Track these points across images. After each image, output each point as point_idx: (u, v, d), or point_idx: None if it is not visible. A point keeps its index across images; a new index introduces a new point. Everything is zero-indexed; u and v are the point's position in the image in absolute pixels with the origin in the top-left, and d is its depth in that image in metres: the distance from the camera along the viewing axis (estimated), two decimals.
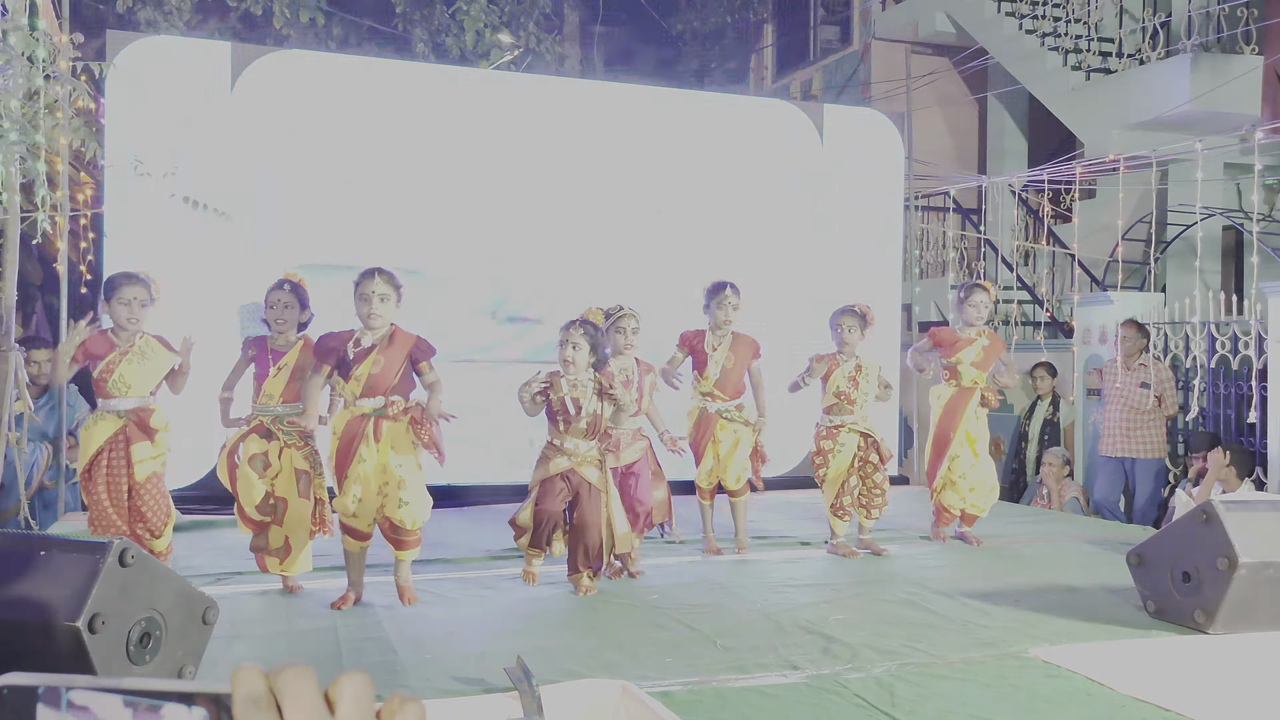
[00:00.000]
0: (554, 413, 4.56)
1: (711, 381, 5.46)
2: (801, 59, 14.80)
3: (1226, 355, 7.43)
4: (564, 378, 4.53)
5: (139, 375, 4.49)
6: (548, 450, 4.60)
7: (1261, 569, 3.92)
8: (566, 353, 4.51)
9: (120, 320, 4.48)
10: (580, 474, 4.54)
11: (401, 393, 4.38)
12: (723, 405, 5.46)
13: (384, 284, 4.35)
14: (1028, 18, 10.87)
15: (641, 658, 3.70)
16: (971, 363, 5.78)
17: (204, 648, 3.29)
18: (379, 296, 4.32)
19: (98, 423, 4.48)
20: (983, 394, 5.80)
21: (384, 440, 4.31)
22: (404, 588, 4.45)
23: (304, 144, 6.86)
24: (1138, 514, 7.51)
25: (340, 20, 10.52)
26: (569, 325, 4.57)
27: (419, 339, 4.43)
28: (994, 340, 5.91)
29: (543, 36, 11.26)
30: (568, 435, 4.54)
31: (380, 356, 4.31)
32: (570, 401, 4.51)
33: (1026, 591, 4.76)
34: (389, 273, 4.41)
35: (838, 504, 5.54)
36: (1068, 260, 10.37)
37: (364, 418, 4.31)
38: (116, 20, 9.30)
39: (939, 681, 3.49)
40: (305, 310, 4.69)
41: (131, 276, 4.52)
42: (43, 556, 2.97)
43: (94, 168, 6.96)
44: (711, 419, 5.46)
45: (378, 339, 4.35)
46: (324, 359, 4.39)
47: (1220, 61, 9.10)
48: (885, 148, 8.42)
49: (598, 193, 7.54)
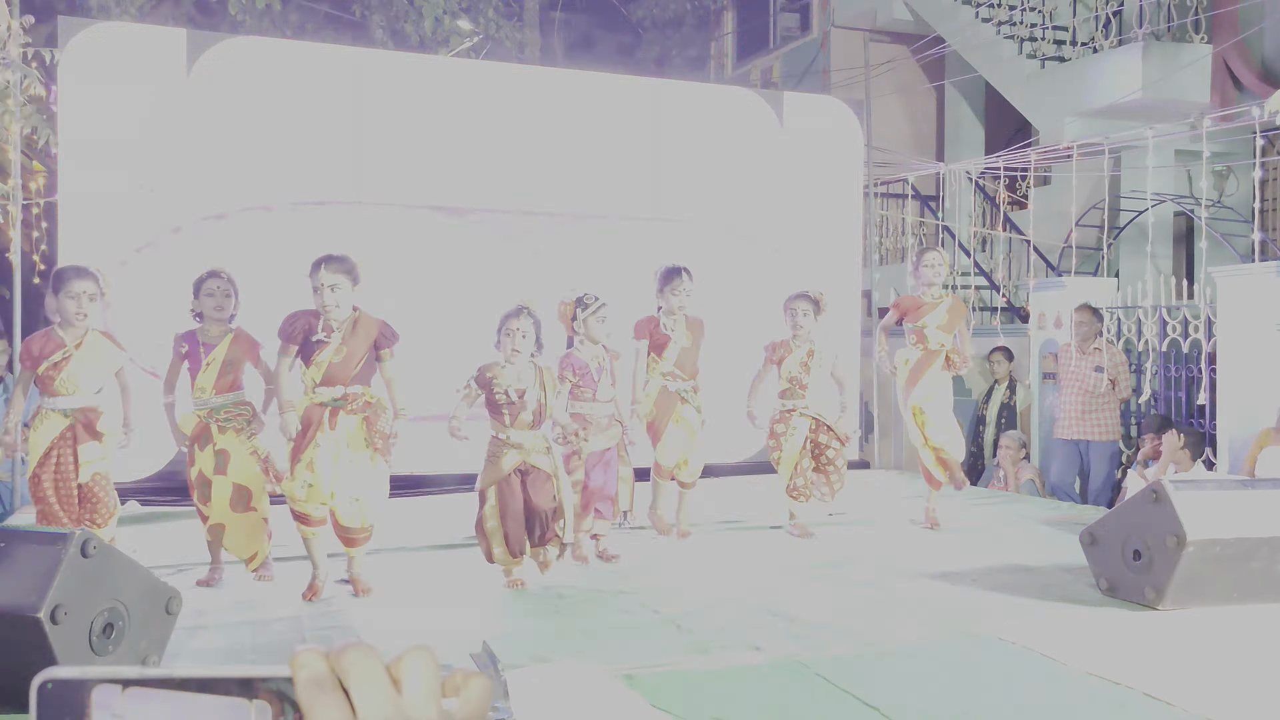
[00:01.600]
0: (497, 405, 4.49)
1: (671, 362, 5.53)
2: (761, 46, 14.86)
3: (1177, 339, 7.58)
4: (506, 368, 4.48)
5: (87, 374, 4.37)
6: (495, 447, 4.52)
7: (1209, 546, 4.02)
8: (516, 342, 4.44)
9: (68, 315, 4.34)
10: (530, 462, 4.50)
11: (363, 381, 4.34)
12: (682, 385, 5.54)
13: (332, 273, 4.24)
14: (984, 6, 10.99)
15: (606, 642, 3.73)
16: (937, 326, 5.84)
17: (168, 638, 3.28)
18: (329, 287, 4.23)
19: (44, 421, 4.34)
20: (948, 357, 5.86)
21: (339, 431, 4.26)
22: (355, 579, 4.41)
23: (261, 131, 6.79)
24: (1093, 495, 7.65)
25: (297, 6, 10.41)
26: (513, 314, 4.50)
27: (383, 324, 4.38)
28: (957, 302, 6.00)
29: (502, 23, 11.22)
30: (513, 428, 4.48)
31: (344, 346, 4.26)
32: (515, 392, 4.46)
33: (984, 571, 4.85)
34: (338, 258, 4.30)
35: (791, 485, 5.64)
36: (1024, 246, 10.53)
37: (321, 406, 4.27)
38: (67, 6, 9.14)
39: (900, 661, 3.56)
40: (237, 301, 4.64)
41: (80, 270, 4.40)
42: (2, 548, 2.94)
43: (47, 155, 6.86)
44: (673, 397, 5.53)
45: (341, 327, 4.29)
46: (290, 339, 4.30)
47: (1171, 50, 9.27)
48: (844, 135, 8.48)
49: (557, 179, 7.53)
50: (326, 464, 4.24)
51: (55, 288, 4.40)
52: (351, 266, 4.31)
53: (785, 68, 14.00)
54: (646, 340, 5.54)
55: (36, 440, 4.33)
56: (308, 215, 6.88)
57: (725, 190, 7.99)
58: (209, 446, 4.49)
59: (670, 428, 5.50)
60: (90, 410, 4.37)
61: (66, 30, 6.41)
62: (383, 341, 4.36)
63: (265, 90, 6.82)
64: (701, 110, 8.03)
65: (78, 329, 4.36)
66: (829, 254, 8.27)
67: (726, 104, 8.19)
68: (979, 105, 12.49)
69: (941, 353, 5.85)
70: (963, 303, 6.11)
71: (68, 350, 4.33)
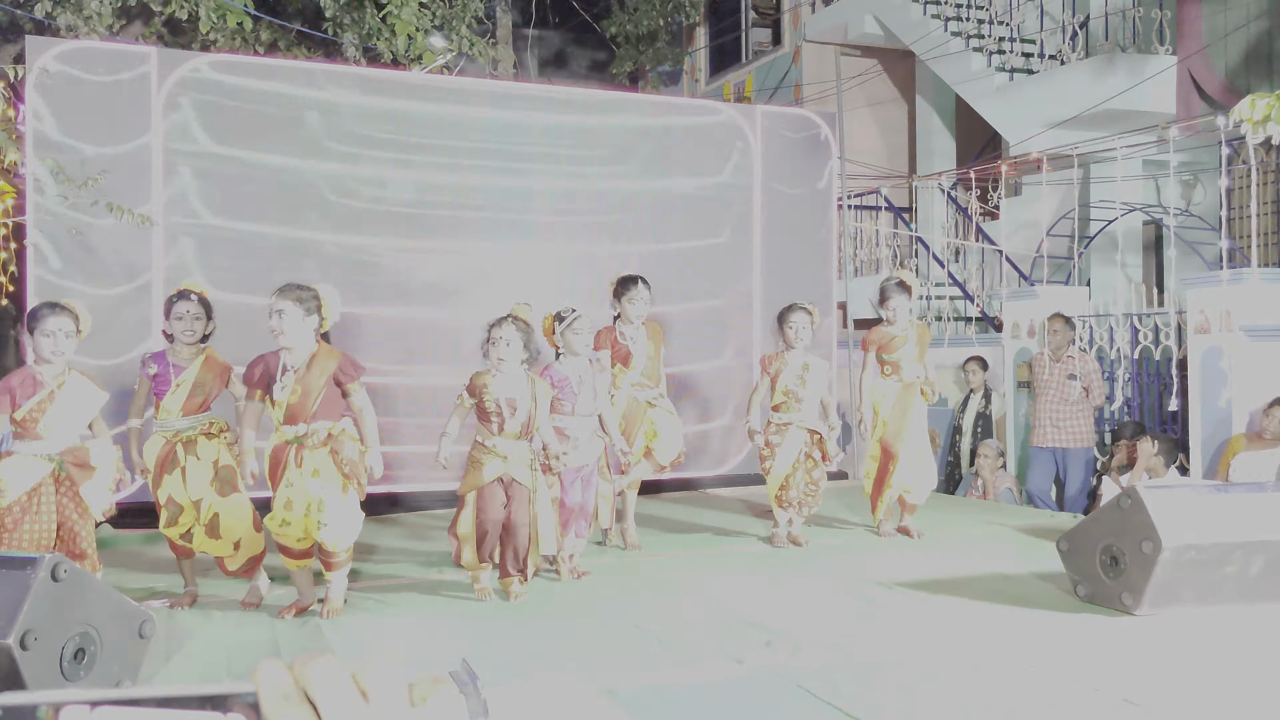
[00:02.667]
0: (486, 413, 4.46)
1: (639, 371, 5.58)
2: (734, 61, 14.94)
3: (1149, 346, 7.66)
4: (495, 375, 4.46)
5: (69, 416, 4.22)
6: (478, 453, 4.48)
7: (1183, 551, 4.06)
8: (500, 350, 4.41)
9: (43, 353, 4.17)
10: (512, 474, 4.46)
11: (328, 415, 4.22)
12: (650, 393, 5.62)
13: (280, 298, 4.11)
14: (952, 20, 11.10)
15: (587, 657, 3.72)
16: (911, 360, 5.92)
17: (141, 662, 3.24)
18: (276, 311, 4.10)
19: (20, 465, 4.11)
20: (921, 389, 5.95)
21: (305, 465, 4.18)
22: (326, 598, 4.34)
23: (233, 150, 6.75)
24: (1069, 502, 7.70)
25: (268, 25, 10.37)
26: (499, 322, 4.47)
27: (344, 358, 4.25)
28: (923, 331, 6.13)
29: (476, 40, 11.20)
30: (499, 436, 4.45)
31: (298, 385, 4.14)
32: (505, 402, 4.44)
33: (962, 580, 4.87)
34: (293, 286, 4.17)
35: (782, 496, 5.65)
36: (996, 256, 10.60)
37: (287, 444, 4.20)
38: (35, 26, 9.06)
39: (881, 672, 3.57)
40: (210, 322, 4.54)
41: (55, 306, 4.25)
42: None
43: (15, 176, 6.79)
44: (642, 408, 5.59)
45: (295, 363, 4.17)
46: (255, 385, 4.21)
47: (1137, 61, 9.39)
48: (817, 148, 8.54)
49: (533, 195, 7.52)
50: (299, 501, 4.17)
51: (30, 325, 4.22)
52: (306, 296, 4.15)
53: (758, 82, 14.08)
54: (608, 351, 5.56)
55: (11, 481, 4.08)
56: (280, 232, 6.83)
57: (698, 204, 8.01)
58: (176, 469, 4.40)
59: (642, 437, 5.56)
60: (78, 450, 4.20)
61: (34, 49, 6.35)
62: (343, 377, 4.22)
63: (237, 107, 6.78)
64: (675, 124, 8.05)
65: (55, 367, 4.21)
66: (804, 266, 8.30)
67: (700, 118, 8.22)
68: (949, 117, 12.60)
69: (917, 385, 5.91)
70: (926, 329, 6.20)
71: (49, 391, 4.17)
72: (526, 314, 4.56)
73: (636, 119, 7.95)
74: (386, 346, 6.95)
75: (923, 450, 5.99)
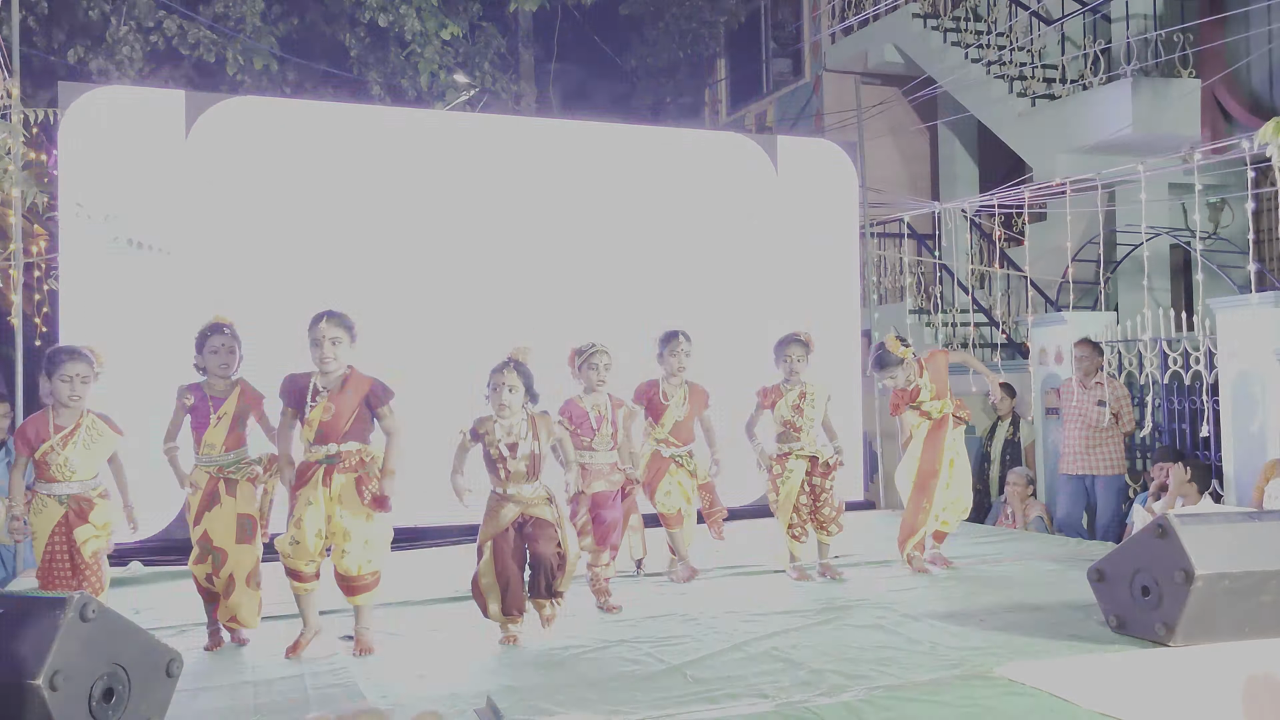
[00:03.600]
0: (491, 461, 4.45)
1: (667, 430, 5.64)
2: (755, 92, 15.01)
3: (1179, 371, 7.57)
4: (498, 422, 4.44)
5: (84, 459, 4.26)
6: (494, 502, 4.50)
7: (1218, 580, 3.98)
8: (503, 396, 4.40)
9: (62, 397, 4.23)
10: (530, 514, 4.45)
11: (358, 438, 4.30)
12: (676, 450, 5.65)
13: (334, 327, 4.28)
14: (973, 47, 11.12)
15: (612, 692, 3.69)
16: (932, 398, 5.84)
17: (169, 701, 3.25)
18: (330, 340, 4.26)
19: (42, 510, 4.21)
20: (954, 417, 5.86)
21: (333, 489, 4.23)
22: (359, 636, 4.34)
23: (261, 190, 6.85)
24: (1100, 530, 7.60)
25: (294, 65, 10.54)
26: (501, 368, 4.45)
27: (375, 383, 4.34)
28: (934, 363, 5.88)
29: (498, 76, 11.35)
30: (509, 483, 4.43)
31: (331, 404, 4.24)
32: (505, 447, 4.41)
33: (992, 611, 4.80)
34: (339, 314, 4.34)
35: (791, 528, 5.61)
36: (1021, 282, 10.55)
37: (316, 464, 4.26)
38: (67, 71, 9.26)
39: (908, 704, 3.52)
40: (240, 355, 4.61)
41: (73, 351, 4.30)
42: (1, 614, 2.93)
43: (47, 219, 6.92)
44: (666, 462, 5.63)
45: (330, 384, 4.29)
46: (288, 402, 4.34)
47: (1160, 86, 9.36)
48: (839, 177, 8.54)
49: (556, 230, 7.57)
50: (316, 522, 4.21)
51: (48, 370, 4.27)
52: (351, 324, 4.36)
53: (779, 112, 14.14)
54: (643, 403, 5.58)
55: (39, 527, 4.20)
56: (308, 271, 6.91)
57: (722, 235, 8.03)
58: (216, 507, 4.45)
59: (664, 481, 5.59)
60: (84, 499, 4.24)
61: (67, 95, 6.49)
62: (375, 400, 4.32)
63: (264, 149, 6.88)
64: (697, 156, 8.09)
65: (73, 411, 4.27)
66: (828, 295, 8.29)
67: (722, 149, 8.26)
68: (972, 144, 12.59)
69: (948, 417, 5.83)
70: (940, 353, 6.03)
71: (64, 435, 4.22)
72: (525, 356, 4.53)
73: (657, 150, 7.99)
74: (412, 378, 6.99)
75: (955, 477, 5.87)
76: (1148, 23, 9.97)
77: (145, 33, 9.44)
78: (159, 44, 9.51)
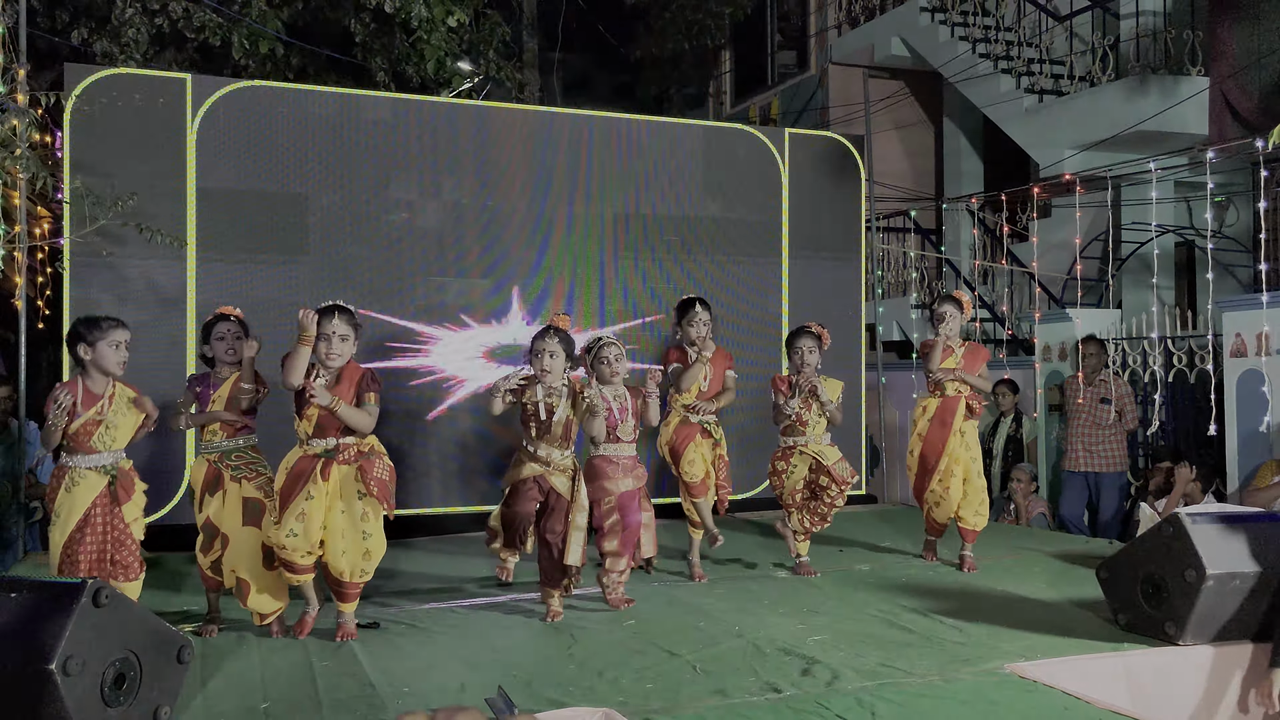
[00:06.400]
0: (527, 418, 4.59)
1: (694, 395, 5.61)
2: (760, 84, 14.97)
3: (1183, 369, 7.57)
4: (540, 384, 4.56)
5: (123, 427, 4.21)
6: (520, 455, 4.64)
7: (1228, 580, 3.99)
8: (545, 361, 4.54)
9: (109, 364, 4.15)
10: (550, 481, 4.56)
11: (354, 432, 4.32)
12: (703, 416, 5.61)
13: (344, 323, 4.29)
14: (981, 42, 11.08)
15: (623, 685, 3.69)
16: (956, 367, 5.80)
17: (180, 687, 3.25)
18: (339, 336, 4.27)
19: (81, 480, 4.07)
20: (967, 403, 5.83)
21: (332, 483, 4.24)
22: (340, 626, 4.34)
23: (264, 173, 6.82)
24: (1102, 527, 7.61)
25: (299, 50, 10.48)
26: (543, 334, 4.61)
27: (365, 372, 4.37)
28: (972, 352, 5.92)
29: (503, 64, 11.29)
30: (541, 442, 4.57)
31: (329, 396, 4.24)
32: (544, 407, 4.53)
33: (999, 607, 4.81)
34: (350, 310, 4.35)
35: (796, 522, 5.59)
36: (1026, 278, 10.54)
37: (315, 458, 4.26)
38: (72, 53, 9.21)
39: (918, 699, 3.52)
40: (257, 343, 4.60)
41: (114, 319, 4.26)
42: (13, 599, 2.91)
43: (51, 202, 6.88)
44: (694, 429, 5.57)
45: (329, 378, 4.28)
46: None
47: (1168, 83, 9.33)
48: (844, 170, 8.52)
49: (559, 219, 7.55)
50: (316, 515, 4.21)
51: (92, 337, 4.13)
52: (360, 323, 4.40)
53: (784, 105, 14.10)
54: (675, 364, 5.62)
55: (72, 503, 4.05)
56: (312, 255, 6.88)
57: (726, 227, 8.00)
58: (219, 493, 4.44)
59: (690, 448, 5.51)
60: (127, 475, 4.22)
61: (72, 77, 6.45)
62: (363, 388, 4.32)
63: (269, 133, 6.84)
64: (701, 148, 8.06)
65: (107, 379, 4.19)
66: (832, 289, 8.27)
67: (726, 141, 8.23)
68: (978, 139, 12.56)
69: (960, 399, 5.79)
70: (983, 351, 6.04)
71: (101, 403, 4.15)
72: (566, 324, 4.69)
73: (664, 142, 7.96)
74: (419, 370, 6.99)
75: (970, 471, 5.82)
76: (1157, 20, 9.94)
77: (151, 15, 9.38)
78: (164, 26, 9.45)
